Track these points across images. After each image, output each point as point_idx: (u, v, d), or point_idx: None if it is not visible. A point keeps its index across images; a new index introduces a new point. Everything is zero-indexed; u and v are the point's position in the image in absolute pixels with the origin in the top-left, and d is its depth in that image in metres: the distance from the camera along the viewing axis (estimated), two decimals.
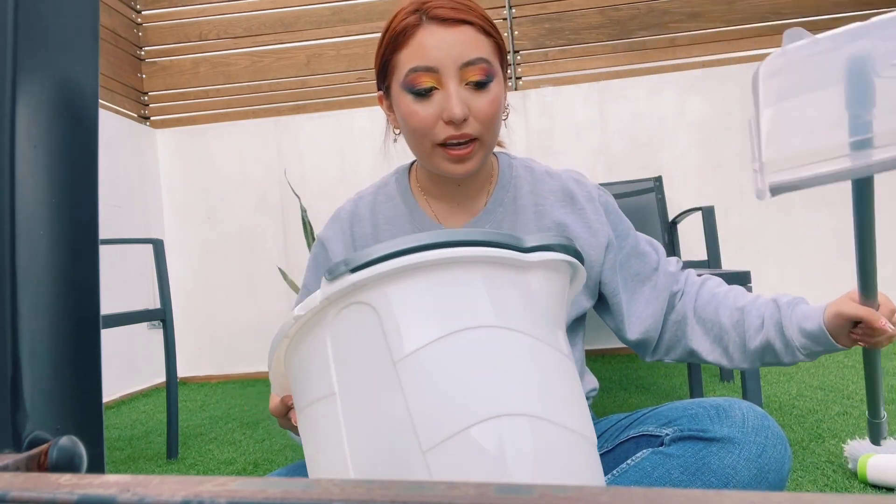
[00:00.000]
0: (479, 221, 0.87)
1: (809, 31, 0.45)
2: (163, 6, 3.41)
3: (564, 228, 0.86)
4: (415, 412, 0.41)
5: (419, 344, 0.42)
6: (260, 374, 3.26)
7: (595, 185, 0.93)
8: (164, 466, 1.84)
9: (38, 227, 0.29)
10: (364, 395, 0.43)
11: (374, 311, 0.44)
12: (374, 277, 0.43)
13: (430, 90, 0.76)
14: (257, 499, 0.19)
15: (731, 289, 0.89)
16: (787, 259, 3.08)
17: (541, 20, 3.24)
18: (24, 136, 0.28)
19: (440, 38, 0.75)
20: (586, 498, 0.18)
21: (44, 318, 0.29)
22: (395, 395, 0.42)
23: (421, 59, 0.75)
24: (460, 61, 0.75)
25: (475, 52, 0.76)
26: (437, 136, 0.78)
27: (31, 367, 0.28)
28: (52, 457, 0.27)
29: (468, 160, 0.79)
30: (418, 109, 0.77)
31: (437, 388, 0.42)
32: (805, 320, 0.79)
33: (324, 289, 0.44)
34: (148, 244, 1.98)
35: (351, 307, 0.45)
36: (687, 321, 0.88)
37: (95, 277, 0.32)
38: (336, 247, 0.89)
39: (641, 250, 0.91)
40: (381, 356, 0.43)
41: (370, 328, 0.44)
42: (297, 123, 3.33)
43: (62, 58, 0.31)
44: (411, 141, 0.82)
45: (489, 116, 0.77)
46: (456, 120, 0.75)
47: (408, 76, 0.77)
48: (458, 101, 0.75)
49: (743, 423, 0.70)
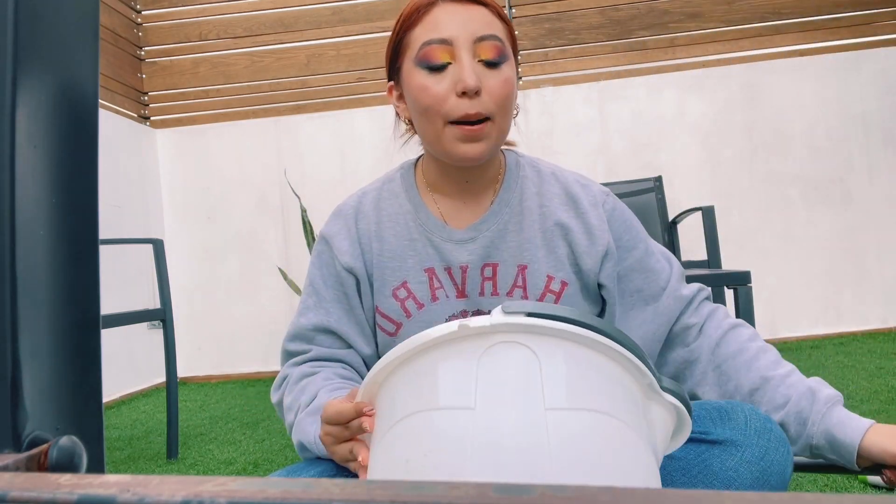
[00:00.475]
0: (485, 221, 0.85)
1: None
2: (163, 6, 3.41)
3: (567, 231, 0.84)
4: (555, 458, 0.45)
5: (572, 405, 0.47)
6: (260, 375, 3.26)
7: (603, 191, 0.88)
8: (164, 466, 1.84)
9: (38, 227, 0.29)
10: (503, 420, 0.47)
11: (537, 358, 0.48)
12: (551, 330, 0.48)
13: (444, 65, 0.76)
14: (257, 499, 0.19)
15: (765, 349, 0.81)
16: (787, 259, 3.08)
17: (541, 20, 3.25)
18: (24, 136, 0.28)
19: (455, 13, 0.76)
20: (586, 498, 0.18)
21: (44, 318, 0.29)
22: (540, 435, 0.45)
23: (435, 31, 0.75)
24: (475, 36, 0.75)
25: (490, 29, 0.76)
26: (450, 113, 0.76)
27: (31, 367, 0.28)
28: (52, 457, 0.27)
29: (480, 140, 0.77)
30: (431, 84, 0.76)
31: (579, 451, 0.45)
32: (839, 428, 0.72)
33: (496, 317, 0.49)
34: (148, 244, 1.98)
35: (514, 345, 0.49)
36: (698, 365, 0.83)
37: (95, 277, 0.32)
38: (341, 244, 0.86)
39: (649, 266, 0.85)
40: (534, 399, 0.47)
41: (528, 370, 0.48)
42: (297, 123, 3.33)
43: (62, 58, 0.31)
44: (422, 120, 0.79)
45: (503, 96, 0.76)
46: (469, 90, 0.74)
47: (421, 49, 0.76)
48: (471, 72, 0.74)
49: (745, 425, 0.70)
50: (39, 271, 0.29)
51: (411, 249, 0.85)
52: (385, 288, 0.84)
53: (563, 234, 0.84)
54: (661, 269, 0.86)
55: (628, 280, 0.85)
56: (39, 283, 0.29)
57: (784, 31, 3.16)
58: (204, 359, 3.32)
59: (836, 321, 3.03)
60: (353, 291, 0.85)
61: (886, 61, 3.08)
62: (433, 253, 0.84)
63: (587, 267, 0.84)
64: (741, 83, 3.13)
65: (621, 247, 0.85)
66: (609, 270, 0.84)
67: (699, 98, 3.15)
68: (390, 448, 0.51)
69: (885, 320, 3.03)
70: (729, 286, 1.54)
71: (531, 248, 0.83)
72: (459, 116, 0.76)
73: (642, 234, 0.88)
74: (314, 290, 0.87)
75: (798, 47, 3.15)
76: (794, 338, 3.04)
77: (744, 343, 0.82)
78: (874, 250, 3.06)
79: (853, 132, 3.08)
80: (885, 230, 3.07)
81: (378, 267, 0.85)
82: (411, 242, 0.85)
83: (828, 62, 3.10)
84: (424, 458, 0.47)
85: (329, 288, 0.86)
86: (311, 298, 0.86)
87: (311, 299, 0.86)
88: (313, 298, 0.86)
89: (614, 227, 0.85)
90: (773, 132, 3.11)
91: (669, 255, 0.89)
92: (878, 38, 3.12)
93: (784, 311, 3.06)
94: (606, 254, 0.83)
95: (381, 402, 0.56)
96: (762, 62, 3.14)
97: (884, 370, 2.26)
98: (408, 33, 0.78)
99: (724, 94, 3.14)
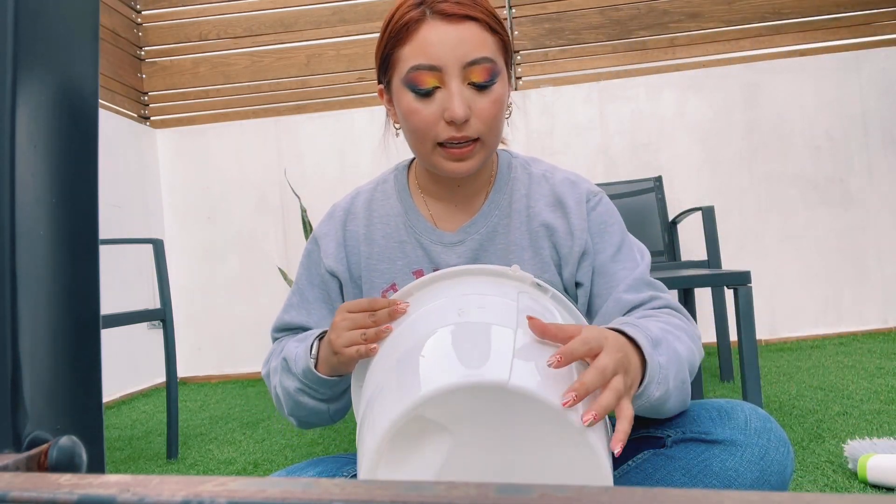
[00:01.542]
0: (475, 224, 0.85)
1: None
2: (163, 6, 3.41)
3: (552, 232, 0.84)
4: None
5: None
6: (260, 374, 3.26)
7: (591, 191, 0.87)
8: (164, 466, 1.84)
9: (38, 227, 0.29)
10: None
11: (558, 304, 0.72)
12: (556, 295, 0.73)
13: (432, 90, 0.75)
14: (257, 499, 0.19)
15: (656, 315, 0.77)
16: (787, 259, 3.08)
17: (541, 20, 3.24)
18: (24, 136, 0.28)
19: (444, 35, 0.73)
20: (586, 498, 0.18)
21: (44, 318, 0.29)
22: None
23: (424, 56, 0.74)
24: (464, 60, 0.74)
25: (479, 52, 0.74)
26: (438, 136, 0.76)
27: (31, 367, 0.28)
28: (52, 457, 0.27)
29: (468, 159, 0.78)
30: (420, 108, 0.76)
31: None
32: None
33: (520, 275, 0.71)
34: (148, 244, 1.98)
35: (534, 295, 0.71)
36: None
37: (95, 277, 0.32)
38: (328, 245, 0.87)
39: (611, 270, 0.83)
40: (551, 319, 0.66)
41: (550, 309, 0.70)
42: (297, 123, 3.33)
43: (62, 58, 0.31)
44: (411, 139, 0.81)
45: (491, 117, 0.76)
46: (457, 121, 0.74)
47: (409, 73, 0.75)
48: (460, 101, 0.73)
49: (745, 425, 0.70)
50: (39, 271, 0.29)
51: (400, 251, 0.85)
52: (373, 290, 0.85)
53: (549, 234, 0.84)
54: (622, 276, 0.82)
55: (591, 282, 0.84)
56: (39, 283, 0.29)
57: (784, 31, 3.16)
58: (204, 359, 3.32)
59: (836, 321, 3.03)
60: (336, 294, 0.88)
61: (886, 61, 3.08)
62: (422, 255, 0.85)
63: (568, 266, 0.84)
64: (741, 83, 3.13)
65: (591, 248, 0.84)
66: (585, 269, 0.84)
67: (699, 98, 3.15)
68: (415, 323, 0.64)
69: (885, 320, 3.03)
70: (729, 286, 1.54)
71: (517, 250, 0.84)
72: (447, 139, 0.76)
73: (617, 236, 0.85)
74: (299, 288, 0.89)
75: (798, 47, 3.15)
76: (794, 338, 3.04)
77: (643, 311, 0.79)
78: (874, 250, 3.06)
79: (853, 132, 3.08)
80: (885, 230, 3.07)
81: (367, 269, 0.86)
82: (400, 244, 0.86)
83: (828, 62, 3.10)
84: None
85: (314, 288, 0.88)
86: (296, 297, 0.89)
87: (295, 297, 0.89)
88: (297, 297, 0.89)
89: (591, 225, 0.84)
90: (773, 132, 3.11)
91: (641, 253, 0.86)
92: (878, 38, 3.12)
93: (784, 311, 3.06)
94: (584, 253, 0.83)
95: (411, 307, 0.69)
96: (762, 62, 3.14)
97: (884, 370, 2.26)
98: (396, 50, 0.77)
99: (724, 94, 3.13)
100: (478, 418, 0.54)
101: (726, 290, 2.14)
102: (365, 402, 0.63)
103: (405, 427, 0.53)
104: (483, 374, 0.52)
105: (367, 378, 0.66)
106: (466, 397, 0.52)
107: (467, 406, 0.53)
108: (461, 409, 0.53)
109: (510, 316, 0.62)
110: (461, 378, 0.52)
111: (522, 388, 0.52)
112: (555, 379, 0.54)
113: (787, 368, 2.44)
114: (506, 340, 0.57)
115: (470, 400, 0.53)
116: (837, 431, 1.61)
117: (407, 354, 0.60)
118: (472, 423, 0.54)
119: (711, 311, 2.43)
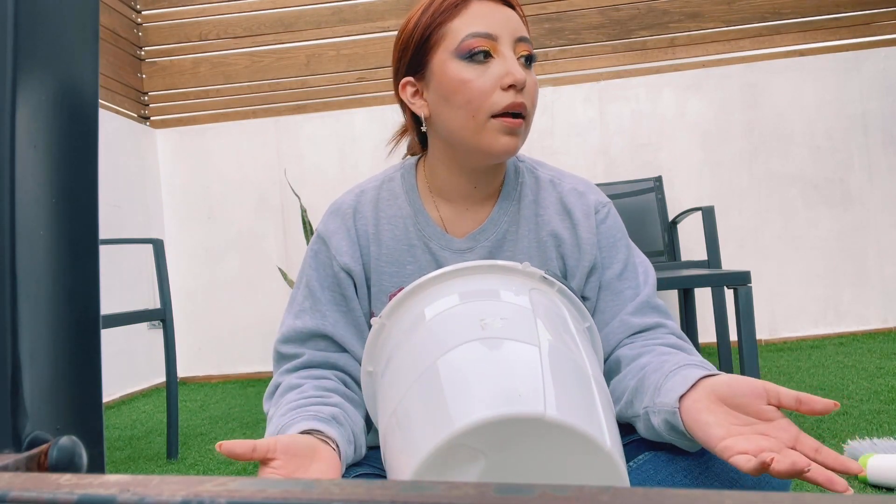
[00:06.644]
0: (484, 231, 0.84)
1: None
2: (163, 6, 3.41)
3: (560, 243, 0.83)
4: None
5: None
6: (260, 375, 3.26)
7: (600, 202, 0.86)
8: (164, 466, 1.84)
9: (38, 227, 0.29)
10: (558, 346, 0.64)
11: (565, 299, 0.74)
12: (563, 289, 0.74)
13: (488, 55, 0.76)
14: (257, 499, 0.19)
15: (672, 352, 0.74)
16: (787, 259, 3.08)
17: (541, 20, 3.24)
18: (24, 136, 0.28)
19: (495, 11, 0.77)
20: (586, 498, 0.18)
21: (44, 318, 0.29)
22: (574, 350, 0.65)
23: (480, 25, 0.76)
24: (515, 35, 0.77)
25: (524, 32, 0.79)
26: (496, 105, 0.75)
27: (31, 367, 0.28)
28: (52, 457, 0.27)
29: (518, 135, 0.77)
30: (474, 77, 0.75)
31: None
32: (665, 392, 0.66)
33: (529, 271, 0.73)
34: (148, 244, 1.98)
35: (543, 291, 0.73)
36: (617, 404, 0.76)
37: (95, 277, 0.32)
38: (339, 243, 0.83)
39: (617, 288, 0.82)
40: (563, 324, 0.68)
41: (559, 307, 0.71)
42: (296, 123, 3.33)
43: (62, 58, 0.31)
44: (460, 114, 0.77)
45: (535, 94, 0.79)
46: (519, 83, 0.74)
47: (465, 41, 0.75)
48: (518, 65, 0.76)
49: None
50: (39, 271, 0.29)
51: (410, 255, 0.84)
52: (381, 293, 0.83)
53: (556, 244, 0.84)
54: (628, 296, 0.81)
55: (598, 298, 0.83)
56: (39, 283, 0.29)
57: (784, 31, 3.16)
58: (204, 359, 3.32)
59: (836, 321, 3.03)
60: (350, 293, 0.83)
61: (886, 61, 3.08)
62: (430, 260, 0.83)
63: (574, 279, 0.83)
64: (741, 83, 3.13)
65: (600, 263, 0.83)
66: (593, 284, 0.83)
67: (699, 98, 3.15)
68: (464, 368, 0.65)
69: (885, 320, 3.03)
70: (729, 286, 1.54)
71: (525, 259, 0.84)
72: (504, 107, 0.75)
73: (623, 251, 0.84)
74: (310, 291, 0.84)
75: (798, 47, 3.15)
76: (794, 338, 3.04)
77: (654, 347, 0.76)
78: (874, 250, 3.06)
79: (853, 132, 3.08)
80: (885, 230, 3.07)
81: (376, 270, 0.83)
82: (410, 248, 0.84)
83: (828, 62, 3.10)
84: (512, 380, 0.59)
85: (326, 290, 0.83)
86: (307, 301, 0.83)
87: (306, 302, 0.83)
88: (309, 301, 0.83)
89: (600, 240, 0.84)
90: (773, 132, 3.11)
91: (646, 274, 0.84)
92: (878, 38, 3.12)
93: (784, 311, 3.06)
94: (592, 268, 0.83)
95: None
96: (762, 62, 3.14)
97: (884, 370, 2.26)
98: (442, 26, 0.77)
99: (724, 94, 3.14)
100: (510, 441, 0.55)
101: (726, 290, 2.14)
102: (389, 415, 0.62)
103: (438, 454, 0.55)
104: (520, 407, 0.54)
105: (388, 385, 0.65)
106: (499, 426, 0.54)
107: (500, 432, 0.54)
108: (493, 434, 0.54)
109: (529, 325, 0.63)
110: (497, 412, 0.54)
111: (557, 421, 0.54)
112: (578, 403, 0.57)
113: (787, 368, 2.44)
114: (533, 365, 0.58)
115: (503, 428, 0.54)
116: (837, 431, 1.61)
117: (431, 372, 0.60)
118: (504, 447, 0.56)
119: (711, 312, 2.43)
